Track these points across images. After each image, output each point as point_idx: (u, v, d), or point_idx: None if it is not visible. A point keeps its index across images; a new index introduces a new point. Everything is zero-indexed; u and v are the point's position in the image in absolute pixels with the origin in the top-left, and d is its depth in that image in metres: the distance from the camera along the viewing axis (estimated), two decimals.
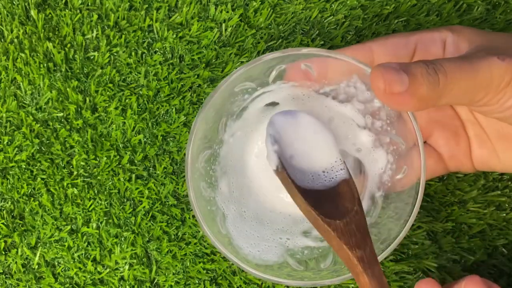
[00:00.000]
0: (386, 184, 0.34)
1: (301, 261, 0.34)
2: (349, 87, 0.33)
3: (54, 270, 0.40)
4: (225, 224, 0.35)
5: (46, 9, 0.41)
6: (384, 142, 0.34)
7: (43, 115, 0.41)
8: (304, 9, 0.41)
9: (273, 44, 0.41)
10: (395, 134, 0.34)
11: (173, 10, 0.42)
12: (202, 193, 0.34)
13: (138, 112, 0.41)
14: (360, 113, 0.34)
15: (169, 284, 0.39)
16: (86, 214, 0.40)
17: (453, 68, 0.28)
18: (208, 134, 0.34)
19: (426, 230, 0.39)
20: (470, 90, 0.28)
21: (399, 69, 0.27)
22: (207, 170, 0.35)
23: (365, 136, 0.34)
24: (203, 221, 0.32)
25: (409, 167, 0.33)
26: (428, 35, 0.34)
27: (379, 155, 0.34)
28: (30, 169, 0.40)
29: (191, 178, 0.32)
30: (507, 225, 0.40)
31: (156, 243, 0.40)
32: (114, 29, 0.41)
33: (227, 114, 0.35)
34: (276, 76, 0.33)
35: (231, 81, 0.31)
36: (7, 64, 0.41)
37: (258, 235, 0.35)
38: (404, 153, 0.33)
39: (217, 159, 0.36)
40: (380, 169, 0.34)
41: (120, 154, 0.40)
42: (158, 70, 0.41)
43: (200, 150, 0.34)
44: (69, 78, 0.41)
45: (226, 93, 0.32)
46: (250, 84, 0.34)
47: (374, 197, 0.35)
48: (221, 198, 0.35)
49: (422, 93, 0.27)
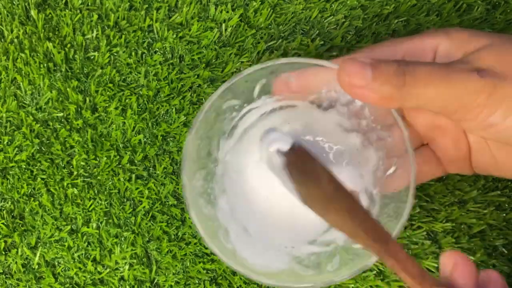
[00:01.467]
0: (381, 180, 0.34)
1: (308, 266, 0.34)
2: (330, 91, 0.34)
3: (54, 270, 0.40)
4: (229, 238, 0.35)
5: (46, 9, 0.41)
6: (373, 140, 0.35)
7: (43, 115, 0.41)
8: (304, 9, 0.41)
9: (273, 44, 0.41)
10: (380, 129, 0.34)
11: (173, 10, 0.42)
12: (202, 209, 0.34)
13: (138, 112, 0.41)
14: (345, 117, 0.35)
15: (169, 284, 0.39)
16: (86, 214, 0.40)
17: (425, 72, 0.28)
18: (201, 153, 0.34)
19: (426, 230, 0.39)
20: (442, 98, 0.28)
21: (367, 64, 0.27)
22: (205, 188, 0.35)
23: (354, 138, 0.35)
24: (206, 236, 0.32)
25: (401, 166, 0.33)
26: (418, 44, 0.32)
27: (370, 154, 0.35)
28: (30, 169, 0.40)
29: (190, 196, 0.32)
30: (507, 225, 0.40)
31: (156, 243, 0.40)
32: (114, 29, 0.41)
33: (218, 133, 0.35)
34: (260, 91, 0.34)
35: (215, 99, 0.32)
36: (7, 64, 0.41)
37: (263, 246, 0.35)
38: (392, 146, 0.33)
39: (214, 177, 0.36)
40: (373, 167, 0.35)
41: (120, 154, 0.40)
42: (158, 70, 0.41)
43: (196, 169, 0.34)
44: (69, 78, 0.41)
45: (213, 112, 0.33)
46: (236, 101, 0.34)
47: (372, 195, 0.35)
48: (222, 215, 0.35)
49: (385, 91, 0.28)
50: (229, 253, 0.33)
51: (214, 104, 0.32)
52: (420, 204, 0.39)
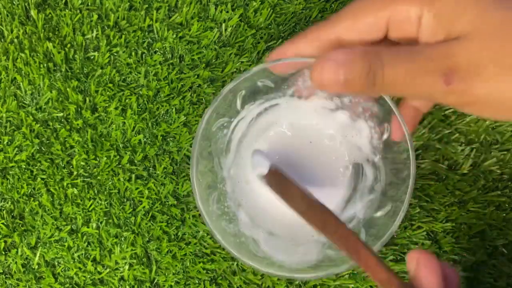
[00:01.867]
0: (378, 147, 0.36)
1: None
2: (306, 81, 0.35)
3: (54, 270, 0.40)
4: (259, 248, 0.35)
5: (46, 9, 0.41)
6: (359, 112, 0.36)
7: (43, 115, 0.41)
8: (304, 9, 0.41)
9: (273, 44, 0.41)
10: (363, 101, 0.35)
11: (173, 10, 0.42)
12: (227, 231, 0.35)
13: (138, 112, 0.41)
14: (327, 99, 0.36)
15: (169, 284, 0.39)
16: (86, 214, 0.40)
17: (392, 75, 0.27)
18: (208, 179, 0.35)
19: (426, 230, 0.39)
20: (411, 96, 0.30)
21: (340, 65, 0.27)
22: (222, 209, 0.36)
23: (340, 115, 0.36)
24: (242, 257, 0.33)
25: (390, 122, 0.33)
26: (403, 11, 0.30)
27: (360, 125, 0.36)
28: (30, 169, 0.40)
29: (211, 223, 0.33)
30: (507, 225, 0.40)
31: (156, 243, 0.40)
32: (114, 29, 0.41)
33: (216, 153, 0.36)
34: (242, 102, 0.35)
35: (205, 125, 0.33)
36: (7, 64, 0.41)
37: (293, 243, 0.36)
38: (379, 114, 0.34)
39: (226, 195, 0.37)
40: (367, 137, 0.36)
41: (120, 154, 0.40)
42: (158, 70, 0.41)
43: (207, 195, 0.35)
44: (69, 78, 0.41)
45: (205, 137, 0.34)
46: (223, 120, 0.35)
47: (374, 163, 0.36)
48: (246, 228, 0.36)
49: (356, 90, 0.28)
50: (265, 263, 0.34)
51: (205, 131, 0.34)
52: (420, 204, 0.39)
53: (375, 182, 0.36)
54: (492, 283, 0.39)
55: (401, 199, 0.32)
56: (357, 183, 0.37)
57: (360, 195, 0.37)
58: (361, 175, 0.37)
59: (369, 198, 0.36)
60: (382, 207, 0.34)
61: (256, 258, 0.34)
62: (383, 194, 0.35)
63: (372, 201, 0.36)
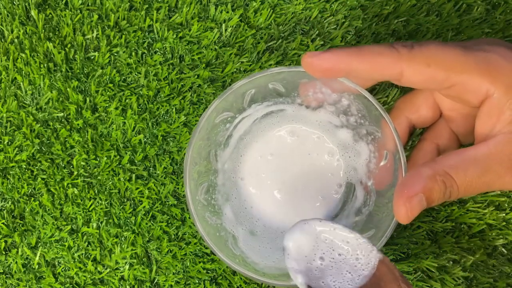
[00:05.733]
0: (374, 172, 0.36)
1: None
2: (316, 93, 0.35)
3: (54, 270, 0.40)
4: (237, 245, 0.36)
5: (47, 9, 0.41)
6: (362, 134, 0.36)
7: (44, 115, 0.41)
8: (304, 9, 0.41)
9: (273, 44, 0.41)
10: (368, 124, 0.35)
11: (173, 10, 0.42)
12: (209, 222, 0.35)
13: (138, 112, 0.41)
14: (334, 115, 0.36)
15: (169, 284, 0.40)
16: (86, 214, 0.40)
17: (468, 184, 0.29)
18: (201, 168, 0.35)
19: (426, 230, 0.39)
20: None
21: (423, 201, 0.29)
22: (209, 200, 0.36)
23: (344, 133, 0.37)
24: (216, 248, 0.33)
25: (392, 158, 0.34)
26: (460, 88, 0.29)
27: (361, 147, 0.36)
28: (30, 169, 0.40)
29: (195, 212, 0.33)
30: (506, 225, 0.40)
31: (156, 243, 0.40)
32: (114, 29, 0.41)
33: (214, 145, 0.36)
34: (250, 100, 0.36)
35: (209, 114, 0.33)
36: (8, 64, 0.41)
37: (271, 247, 0.36)
38: (382, 140, 0.35)
39: (216, 188, 0.37)
40: (365, 160, 0.36)
41: (120, 154, 0.40)
42: (158, 70, 0.41)
43: (198, 184, 0.35)
44: (69, 78, 0.41)
45: (208, 126, 0.34)
46: (228, 114, 0.36)
47: (367, 187, 0.36)
48: (228, 223, 0.37)
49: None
50: (239, 261, 0.34)
51: (208, 120, 0.34)
52: None
53: (363, 205, 0.36)
54: (491, 283, 0.39)
55: (384, 227, 0.32)
56: (346, 203, 0.37)
57: (347, 215, 0.37)
58: (352, 196, 0.37)
59: (355, 220, 0.36)
60: (365, 231, 0.34)
61: (231, 254, 0.34)
62: (368, 218, 0.35)
63: (357, 223, 0.36)
